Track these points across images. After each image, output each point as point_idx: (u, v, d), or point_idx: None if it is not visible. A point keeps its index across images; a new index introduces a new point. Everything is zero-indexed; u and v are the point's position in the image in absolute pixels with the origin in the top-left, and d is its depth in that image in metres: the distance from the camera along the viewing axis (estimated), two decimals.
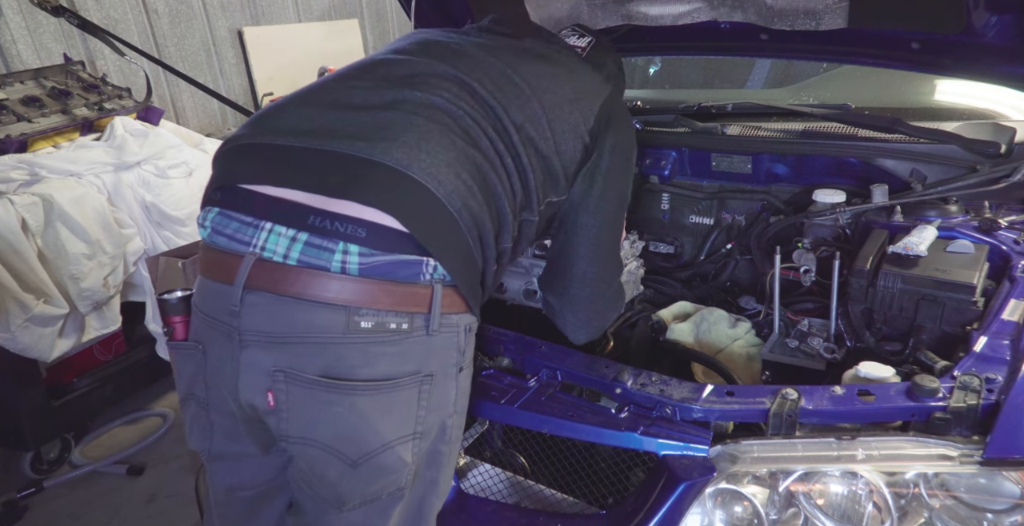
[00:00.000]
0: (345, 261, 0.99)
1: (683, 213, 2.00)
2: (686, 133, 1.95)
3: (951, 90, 2.04)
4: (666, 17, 1.80)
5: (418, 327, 1.03)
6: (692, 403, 1.12)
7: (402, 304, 1.02)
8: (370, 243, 1.00)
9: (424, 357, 1.05)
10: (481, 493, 1.29)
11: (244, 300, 1.02)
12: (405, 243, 1.01)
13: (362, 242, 1.00)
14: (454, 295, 1.07)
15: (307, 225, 1.01)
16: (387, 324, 1.01)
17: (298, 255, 1.00)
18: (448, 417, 1.10)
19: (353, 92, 1.17)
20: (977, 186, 1.57)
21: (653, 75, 2.77)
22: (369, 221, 1.00)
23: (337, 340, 1.00)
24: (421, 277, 1.03)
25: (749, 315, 1.72)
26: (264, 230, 1.03)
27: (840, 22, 1.61)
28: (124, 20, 4.53)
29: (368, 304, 1.00)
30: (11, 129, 2.78)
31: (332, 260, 0.99)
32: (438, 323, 1.04)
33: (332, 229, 1.00)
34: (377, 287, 1.00)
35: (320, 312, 0.99)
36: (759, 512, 1.04)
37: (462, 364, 1.11)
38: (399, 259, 1.01)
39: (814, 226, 1.67)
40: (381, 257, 1.00)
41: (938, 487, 1.01)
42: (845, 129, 1.80)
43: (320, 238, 1.00)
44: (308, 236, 1.00)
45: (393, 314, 1.01)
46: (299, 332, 1.00)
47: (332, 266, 0.99)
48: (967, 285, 1.31)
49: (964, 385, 1.05)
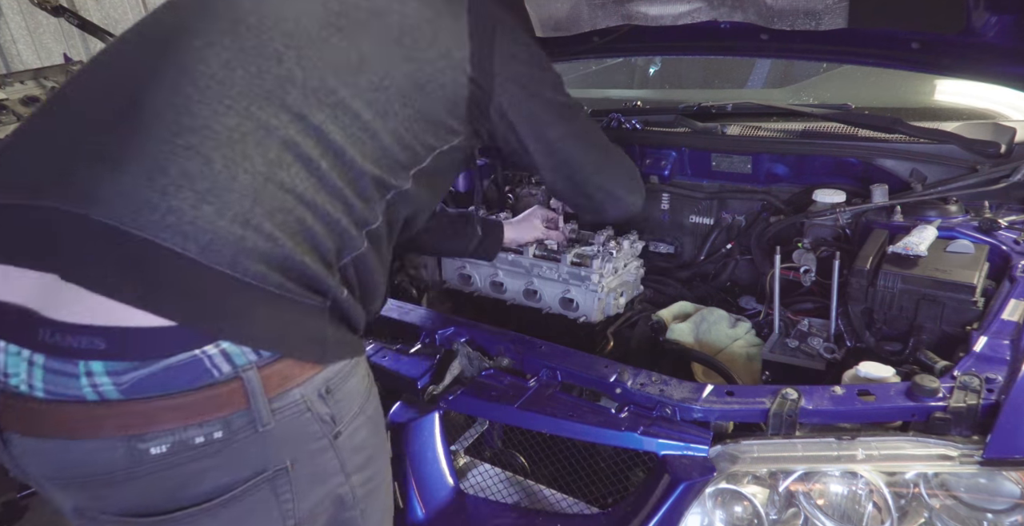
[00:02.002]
0: (96, 384, 0.76)
1: (683, 213, 2.00)
2: (686, 133, 1.95)
3: (951, 90, 2.04)
4: (666, 17, 1.80)
5: (240, 427, 0.81)
6: (692, 403, 1.12)
7: (200, 413, 0.78)
8: (115, 354, 0.76)
9: (265, 454, 0.84)
10: (481, 493, 1.29)
11: (8, 443, 0.81)
12: (164, 340, 0.77)
13: (104, 356, 0.75)
14: (292, 363, 0.84)
15: (38, 343, 0.76)
16: (190, 440, 0.79)
17: (42, 384, 0.77)
18: (340, 486, 0.92)
19: (78, 106, 0.90)
20: (977, 186, 1.57)
21: (653, 75, 2.77)
22: (103, 326, 0.75)
23: (129, 475, 0.79)
24: (215, 373, 0.79)
25: (749, 315, 1.72)
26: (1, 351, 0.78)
27: (840, 22, 1.61)
28: (124, 20, 4.55)
29: (150, 428, 0.77)
30: (11, 129, 2.78)
31: (80, 387, 0.76)
32: (268, 415, 0.82)
33: (65, 345, 0.76)
34: (154, 406, 0.77)
35: (90, 450, 0.78)
36: (759, 512, 1.04)
37: (336, 429, 0.90)
38: (164, 366, 0.77)
39: (814, 226, 1.67)
40: (139, 371, 0.76)
41: (938, 487, 1.01)
42: (845, 129, 1.80)
43: (57, 360, 0.76)
44: (44, 359, 0.76)
45: (195, 427, 0.78)
46: (79, 475, 0.80)
47: (84, 394, 0.76)
48: (967, 285, 1.31)
49: (964, 385, 1.05)
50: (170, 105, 0.83)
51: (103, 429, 0.77)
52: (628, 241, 1.76)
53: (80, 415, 0.77)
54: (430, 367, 1.32)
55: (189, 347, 0.77)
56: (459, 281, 1.83)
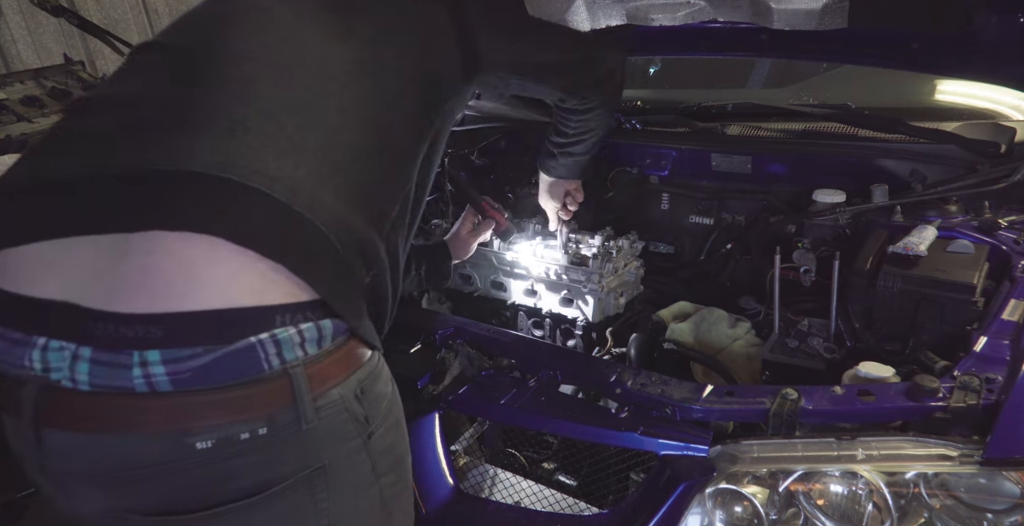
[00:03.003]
0: (149, 375, 0.76)
1: (683, 213, 2.00)
2: (686, 133, 1.95)
3: (951, 90, 2.04)
4: (666, 17, 1.80)
5: (284, 424, 0.82)
6: (692, 403, 1.12)
7: (248, 409, 0.80)
8: (174, 342, 0.76)
9: (305, 452, 0.85)
10: (481, 493, 1.29)
11: (42, 440, 0.80)
12: (226, 325, 0.78)
13: (162, 344, 0.75)
14: (332, 361, 0.86)
15: (86, 336, 0.76)
16: (235, 436, 0.79)
17: (87, 378, 0.77)
18: (371, 487, 0.94)
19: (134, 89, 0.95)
20: (977, 186, 1.57)
21: (653, 75, 2.77)
22: (160, 313, 0.76)
23: (172, 469, 0.79)
24: (265, 366, 0.80)
25: (749, 315, 1.72)
26: (38, 348, 0.78)
27: (840, 22, 1.61)
28: (124, 20, 4.54)
29: (198, 422, 0.78)
30: (11, 129, 2.78)
31: (132, 378, 0.76)
32: (313, 413, 0.83)
33: (119, 336, 0.75)
34: (203, 399, 0.78)
35: (135, 444, 0.78)
36: (759, 512, 1.04)
37: (370, 430, 0.91)
38: (221, 353, 0.77)
39: (814, 226, 1.67)
40: (197, 360, 0.76)
41: (938, 487, 1.01)
42: (845, 129, 1.80)
43: (107, 352, 0.76)
44: (91, 351, 0.76)
45: (241, 423, 0.79)
46: (118, 469, 0.79)
47: (135, 385, 0.76)
48: (967, 285, 1.31)
49: (964, 385, 1.05)
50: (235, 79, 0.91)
51: (151, 423, 0.77)
52: (628, 241, 1.76)
53: (128, 408, 0.77)
54: (430, 367, 1.32)
55: (245, 333, 0.78)
56: (459, 281, 1.83)
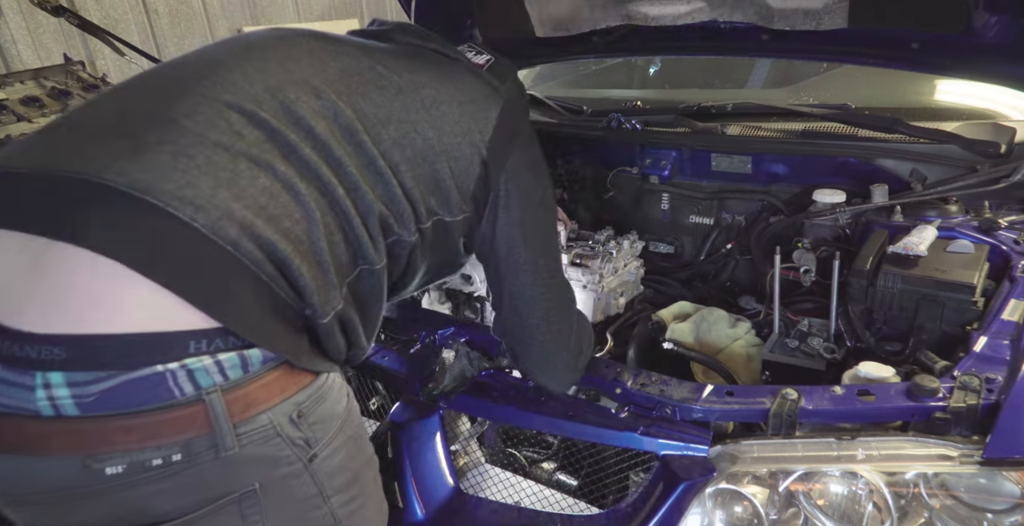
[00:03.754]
0: (53, 397, 0.73)
1: (683, 213, 2.00)
2: (686, 133, 1.95)
3: (951, 90, 2.04)
4: (666, 17, 1.80)
5: (201, 451, 0.78)
6: (692, 403, 1.12)
7: (158, 436, 0.76)
8: (76, 364, 0.72)
9: (228, 478, 0.81)
10: (481, 493, 1.29)
11: None
12: (128, 351, 0.74)
13: (64, 366, 0.72)
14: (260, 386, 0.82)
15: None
16: (147, 462, 0.76)
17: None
18: (318, 508, 0.90)
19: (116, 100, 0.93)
20: (977, 186, 1.57)
21: (653, 75, 2.76)
22: (64, 335, 0.72)
23: (81, 494, 0.76)
24: (176, 393, 0.76)
25: (749, 315, 1.72)
26: None
27: (840, 22, 1.61)
28: (124, 20, 4.54)
29: (105, 448, 0.75)
30: (11, 129, 2.78)
31: (36, 401, 0.73)
32: (233, 440, 0.79)
33: (22, 355, 0.72)
34: (112, 425, 0.74)
35: (42, 467, 0.75)
36: (759, 512, 1.04)
37: (312, 452, 0.87)
38: (125, 379, 0.74)
39: (814, 226, 1.67)
40: (100, 384, 0.73)
41: (938, 487, 1.01)
42: (845, 129, 1.80)
43: (10, 371, 0.73)
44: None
45: (152, 449, 0.76)
46: (30, 492, 0.77)
47: (40, 408, 0.73)
48: (967, 285, 1.31)
49: (964, 385, 1.05)
50: (209, 108, 0.87)
51: (56, 447, 0.74)
52: (628, 241, 1.76)
53: (33, 431, 0.74)
54: (430, 367, 1.32)
55: (153, 361, 0.75)
56: (459, 281, 1.83)
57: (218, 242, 0.78)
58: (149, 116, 0.86)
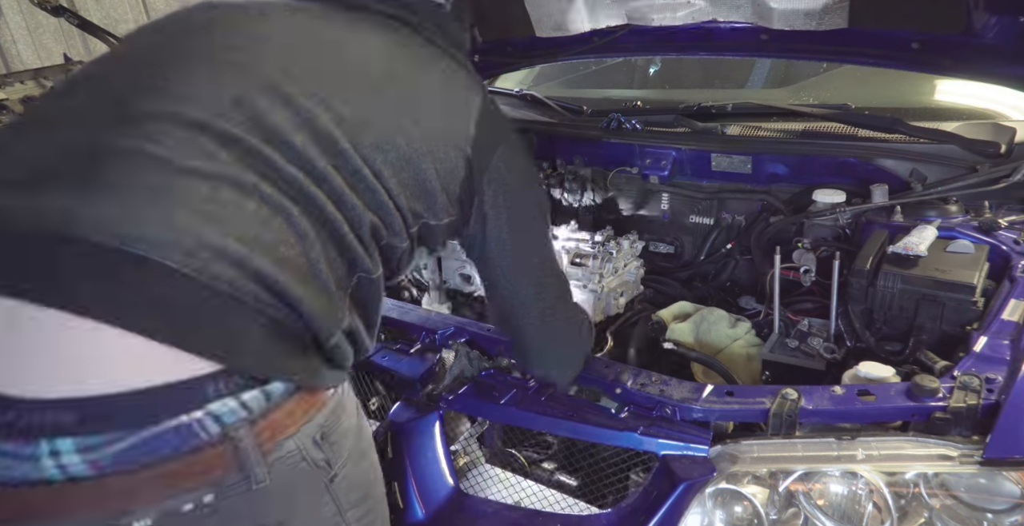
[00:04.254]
0: (63, 465, 0.67)
1: (683, 213, 2.00)
2: (686, 133, 1.95)
3: (951, 90, 2.04)
4: (666, 17, 1.80)
5: (232, 486, 0.75)
6: (692, 403, 1.12)
7: (187, 481, 0.72)
8: (89, 428, 0.67)
9: (259, 509, 0.79)
10: (481, 493, 1.29)
11: None
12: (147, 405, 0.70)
13: (74, 431, 0.67)
14: (285, 412, 0.79)
15: None
16: (177, 509, 0.72)
17: None
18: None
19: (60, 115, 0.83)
20: (977, 186, 1.57)
21: (653, 75, 2.77)
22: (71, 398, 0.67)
23: None
24: (202, 436, 0.72)
25: (749, 315, 1.72)
26: None
27: (840, 22, 1.61)
28: (124, 20, 4.54)
29: (130, 503, 0.70)
30: None
31: (43, 469, 0.67)
32: (264, 471, 0.76)
33: (22, 424, 0.67)
34: (133, 480, 0.69)
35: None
36: (759, 512, 1.04)
37: (332, 473, 0.86)
38: (147, 435, 0.69)
39: (814, 226, 1.67)
40: (118, 444, 0.68)
41: (938, 487, 1.01)
42: (845, 129, 1.80)
43: (9, 443, 0.67)
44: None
45: (182, 495, 0.72)
46: None
47: (48, 475, 0.67)
48: (967, 285, 1.31)
49: (964, 385, 1.05)
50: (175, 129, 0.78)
51: (75, 511, 0.69)
52: (628, 241, 1.75)
53: (45, 497, 0.69)
54: (430, 367, 1.32)
55: (174, 413, 0.70)
56: (459, 281, 1.83)
57: (214, 285, 0.72)
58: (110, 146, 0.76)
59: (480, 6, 2.00)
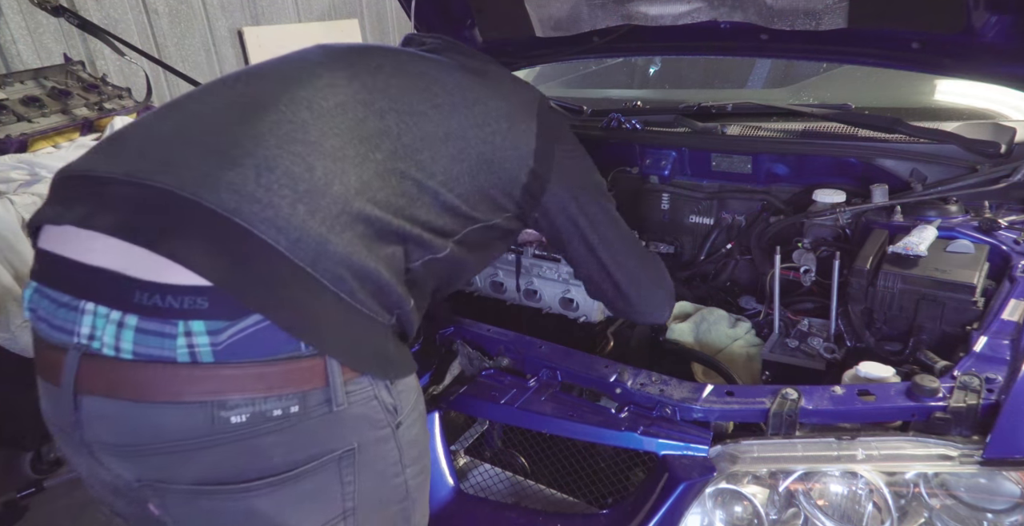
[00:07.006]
0: (192, 345, 0.79)
1: (683, 213, 2.00)
2: (686, 133, 1.95)
3: (951, 90, 2.04)
4: (666, 17, 1.80)
5: (315, 405, 0.85)
6: (692, 403, 1.12)
7: (284, 385, 0.82)
8: (219, 313, 0.79)
9: (335, 435, 0.88)
10: (481, 493, 1.29)
11: (79, 407, 0.82)
12: (272, 292, 0.83)
13: (207, 315, 0.79)
14: None
15: (133, 304, 0.79)
16: (268, 412, 0.82)
17: (131, 346, 0.79)
18: (397, 476, 0.97)
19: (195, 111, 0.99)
20: (977, 186, 1.57)
21: (653, 75, 2.77)
22: (206, 286, 0.79)
23: (205, 444, 0.81)
24: (300, 346, 0.83)
25: (749, 315, 1.72)
26: (86, 313, 0.81)
27: (840, 22, 1.61)
28: (124, 20, 4.54)
29: (235, 394, 0.80)
30: (11, 129, 2.78)
31: (175, 347, 0.79)
32: (343, 396, 0.86)
33: (165, 306, 0.78)
34: (243, 372, 0.80)
35: (170, 415, 0.80)
36: (759, 512, 1.04)
37: (398, 420, 0.95)
38: (260, 327, 0.80)
39: (814, 226, 1.67)
40: (239, 326, 0.80)
41: (938, 487, 1.01)
42: (845, 129, 1.80)
43: (153, 321, 0.79)
44: (138, 319, 0.79)
45: (275, 399, 0.82)
46: (150, 442, 0.81)
47: (177, 356, 0.79)
48: (967, 285, 1.31)
49: (964, 385, 1.05)
50: (287, 121, 0.93)
51: (188, 393, 0.79)
52: None
53: (168, 377, 0.79)
54: (430, 367, 1.32)
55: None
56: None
57: (296, 262, 0.83)
58: (231, 132, 0.91)
59: (481, 6, 2.01)
